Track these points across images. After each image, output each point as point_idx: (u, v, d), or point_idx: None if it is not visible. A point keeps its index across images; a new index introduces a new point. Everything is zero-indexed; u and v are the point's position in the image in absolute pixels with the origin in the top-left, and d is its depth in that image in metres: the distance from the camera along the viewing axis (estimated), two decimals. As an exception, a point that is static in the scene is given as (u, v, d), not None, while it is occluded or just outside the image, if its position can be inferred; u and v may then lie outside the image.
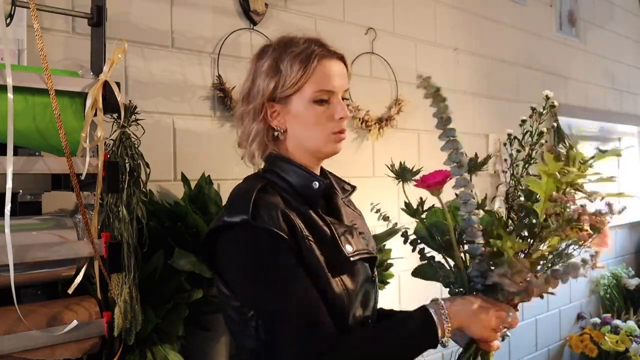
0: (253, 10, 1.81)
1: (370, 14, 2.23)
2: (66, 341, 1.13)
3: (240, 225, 1.01)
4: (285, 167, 1.12)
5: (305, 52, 1.09)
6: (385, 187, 2.25)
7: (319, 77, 1.09)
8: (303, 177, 1.11)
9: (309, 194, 1.11)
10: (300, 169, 1.12)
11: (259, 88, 1.11)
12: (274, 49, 1.11)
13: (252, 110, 1.12)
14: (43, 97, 1.12)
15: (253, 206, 1.00)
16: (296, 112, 1.10)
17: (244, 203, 1.01)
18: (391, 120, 2.24)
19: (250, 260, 1.02)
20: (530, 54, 3.08)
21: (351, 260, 1.09)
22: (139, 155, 1.27)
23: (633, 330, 3.16)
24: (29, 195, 1.25)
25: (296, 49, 1.09)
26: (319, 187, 1.11)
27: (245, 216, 1.00)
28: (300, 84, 1.08)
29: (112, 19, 1.31)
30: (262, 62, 1.12)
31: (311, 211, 1.10)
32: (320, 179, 1.12)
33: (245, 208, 1.00)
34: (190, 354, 1.41)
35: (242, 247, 1.02)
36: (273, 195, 1.06)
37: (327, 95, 1.10)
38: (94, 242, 1.17)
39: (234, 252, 1.04)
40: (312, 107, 1.09)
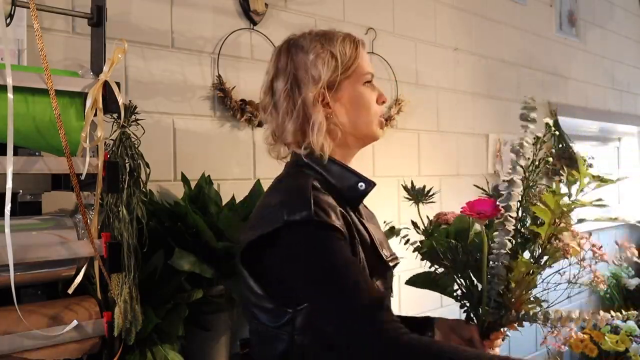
0: (253, 10, 1.81)
1: (370, 14, 2.23)
2: (66, 341, 1.13)
3: (302, 222, 0.96)
4: (325, 164, 1.09)
5: (349, 37, 1.11)
6: (385, 187, 2.25)
7: (364, 60, 1.11)
8: (348, 177, 1.10)
9: (353, 196, 1.09)
10: (344, 168, 1.10)
11: (312, 77, 1.07)
12: (312, 40, 1.09)
13: (305, 101, 1.07)
14: (43, 97, 1.12)
15: (314, 203, 0.97)
16: (349, 96, 1.09)
17: (303, 200, 0.97)
18: (391, 120, 2.24)
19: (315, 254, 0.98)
20: (530, 54, 3.08)
21: (389, 265, 1.11)
22: (139, 155, 1.27)
23: (633, 330, 3.16)
24: (29, 195, 1.25)
25: (338, 35, 1.11)
26: (365, 189, 1.10)
27: (307, 212, 0.96)
28: (355, 66, 1.09)
29: (112, 19, 1.31)
30: (304, 53, 1.09)
31: (352, 213, 1.08)
32: (366, 180, 1.10)
33: (305, 205, 0.97)
34: (190, 354, 1.41)
35: (307, 242, 0.98)
36: (325, 193, 1.03)
37: (372, 77, 1.12)
38: (94, 242, 1.17)
39: (299, 251, 0.98)
40: (364, 88, 1.10)
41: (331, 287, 0.96)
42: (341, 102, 1.09)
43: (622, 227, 3.88)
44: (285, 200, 1.01)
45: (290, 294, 1.01)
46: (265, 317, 1.04)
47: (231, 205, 1.53)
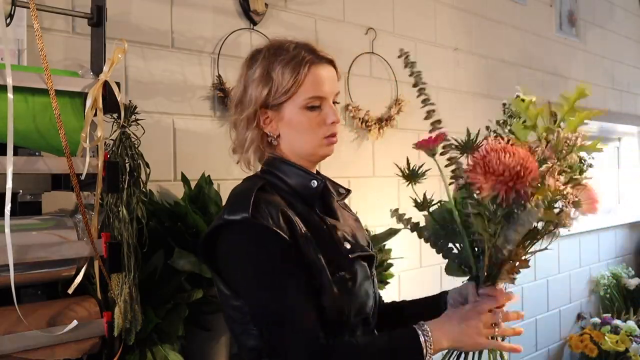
0: (253, 10, 1.81)
1: (370, 14, 2.23)
2: (66, 341, 1.13)
3: (240, 222, 1.02)
4: (283, 168, 1.14)
5: (295, 60, 1.10)
6: (385, 187, 2.26)
7: (310, 84, 1.10)
8: (301, 176, 1.13)
9: (307, 193, 1.13)
10: (298, 169, 1.14)
11: (251, 96, 1.12)
12: (264, 57, 1.12)
13: (245, 118, 1.14)
14: (43, 97, 1.12)
15: (253, 204, 1.02)
16: (288, 118, 1.11)
17: (244, 201, 1.03)
18: (391, 120, 2.24)
19: (250, 257, 1.03)
20: (530, 54, 3.08)
21: (350, 257, 1.11)
22: (139, 155, 1.27)
23: (633, 330, 3.16)
24: (29, 195, 1.25)
25: (286, 56, 1.10)
26: (318, 185, 1.13)
27: (245, 214, 1.01)
28: (292, 91, 1.10)
29: (112, 19, 1.31)
30: (252, 69, 1.13)
31: (310, 211, 1.12)
32: (318, 178, 1.15)
33: (245, 206, 1.02)
34: (190, 354, 1.41)
35: (242, 244, 1.04)
36: (272, 194, 1.08)
37: (319, 101, 1.11)
38: (94, 242, 1.17)
39: (234, 250, 1.05)
40: (304, 113, 1.11)
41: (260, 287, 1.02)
42: (283, 122, 1.12)
43: (622, 227, 3.89)
44: (229, 202, 1.10)
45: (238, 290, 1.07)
46: (235, 314, 1.08)
47: (231, 205, 1.53)
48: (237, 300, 1.06)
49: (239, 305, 1.06)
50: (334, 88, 1.15)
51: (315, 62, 1.11)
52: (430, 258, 2.35)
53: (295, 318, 0.99)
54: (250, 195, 1.03)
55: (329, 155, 1.17)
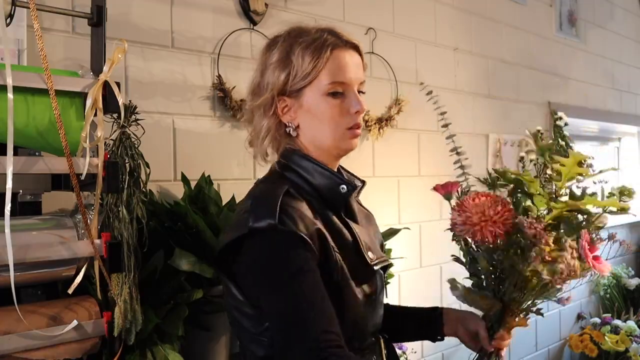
0: (253, 10, 1.81)
1: (370, 14, 2.23)
2: (66, 341, 1.13)
3: (267, 230, 0.95)
4: (307, 166, 1.05)
5: (317, 42, 1.02)
6: (385, 187, 2.26)
7: (333, 68, 1.02)
8: (329, 179, 1.05)
9: (334, 198, 1.05)
10: (324, 169, 1.05)
11: (268, 81, 1.05)
12: (283, 40, 1.05)
13: (261, 105, 1.06)
14: (43, 97, 1.12)
15: (280, 211, 0.94)
16: (309, 106, 1.04)
17: (270, 207, 0.95)
18: (391, 120, 2.24)
19: (273, 263, 0.96)
20: (530, 54, 3.08)
21: (374, 268, 1.06)
22: (139, 155, 1.27)
23: (633, 330, 3.16)
24: (29, 195, 1.25)
25: (307, 38, 1.03)
26: (347, 191, 1.06)
27: (272, 221, 0.94)
28: (313, 76, 1.02)
29: (112, 19, 1.31)
30: (271, 53, 1.06)
31: (334, 216, 1.05)
32: (348, 182, 1.07)
33: (271, 212, 0.94)
34: (190, 354, 1.41)
35: (267, 252, 0.96)
36: (299, 200, 1.00)
37: (342, 87, 1.04)
38: (94, 242, 1.17)
39: (259, 257, 0.97)
40: (325, 100, 1.03)
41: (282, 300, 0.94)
42: (302, 110, 1.05)
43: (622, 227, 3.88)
44: (253, 207, 0.99)
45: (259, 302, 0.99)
46: (247, 322, 1.02)
47: (231, 205, 1.53)
48: (252, 309, 1.00)
49: (253, 314, 1.01)
50: (359, 75, 1.07)
51: (339, 46, 1.04)
52: (430, 258, 2.35)
53: (307, 325, 0.91)
54: (276, 200, 0.96)
55: (353, 150, 1.08)
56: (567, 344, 3.26)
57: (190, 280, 1.37)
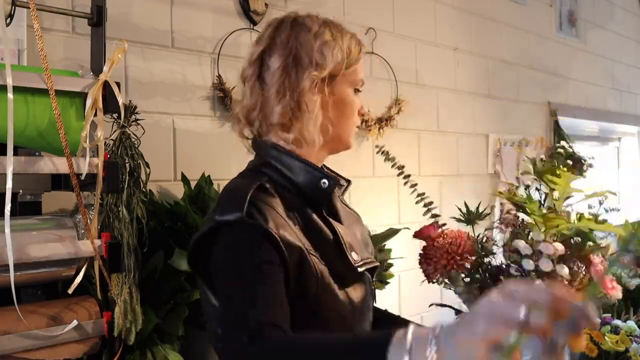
0: (253, 10, 1.81)
1: (370, 14, 2.23)
2: (66, 341, 1.13)
3: (234, 223, 0.87)
4: (288, 162, 0.99)
5: (355, 38, 1.04)
6: (385, 187, 2.26)
7: (361, 67, 1.04)
8: (309, 173, 0.98)
9: (316, 195, 0.99)
10: (305, 164, 0.99)
11: (318, 61, 0.97)
12: (320, 24, 1.02)
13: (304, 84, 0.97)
14: (43, 97, 1.12)
15: (249, 204, 0.87)
16: (340, 96, 1.01)
17: (238, 200, 0.88)
18: (391, 120, 2.24)
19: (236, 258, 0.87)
20: (530, 54, 3.08)
21: (358, 270, 0.98)
22: (139, 155, 1.27)
23: (633, 330, 3.16)
24: (29, 195, 1.25)
25: (346, 30, 1.05)
26: (329, 186, 0.98)
27: (239, 214, 0.86)
28: (354, 67, 1.02)
29: (112, 19, 1.31)
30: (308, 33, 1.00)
31: (314, 214, 0.98)
32: (330, 177, 0.99)
33: (239, 205, 0.87)
34: (190, 354, 1.41)
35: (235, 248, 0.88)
36: (272, 196, 0.93)
37: (362, 85, 1.06)
38: (94, 242, 1.17)
39: (225, 255, 0.89)
40: (353, 93, 1.04)
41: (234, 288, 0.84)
42: (332, 99, 1.01)
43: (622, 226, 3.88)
44: (221, 200, 0.94)
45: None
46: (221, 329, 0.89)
47: (231, 205, 1.53)
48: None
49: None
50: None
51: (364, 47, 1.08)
52: (430, 258, 2.35)
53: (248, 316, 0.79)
54: (246, 193, 0.89)
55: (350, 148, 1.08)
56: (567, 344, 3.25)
57: (190, 280, 1.37)
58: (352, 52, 1.01)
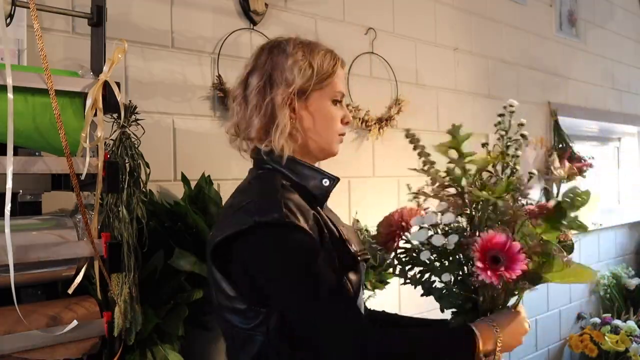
0: (253, 10, 1.81)
1: (370, 14, 2.23)
2: (66, 341, 1.13)
3: (274, 224, 0.98)
4: (293, 165, 1.11)
5: (331, 54, 1.14)
6: (385, 187, 2.26)
7: (339, 79, 1.14)
8: (314, 175, 1.12)
9: (319, 193, 1.12)
10: (308, 166, 1.12)
11: (288, 78, 1.09)
12: (295, 46, 1.12)
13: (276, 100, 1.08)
14: (43, 97, 1.12)
15: (284, 205, 1.00)
16: (315, 108, 1.11)
17: (274, 201, 1.00)
18: (391, 120, 2.24)
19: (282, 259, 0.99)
20: (530, 54, 3.08)
21: (359, 260, 1.12)
22: (139, 155, 1.27)
23: (633, 330, 3.16)
24: (29, 195, 1.25)
25: (322, 47, 1.14)
26: (329, 185, 1.12)
27: (277, 214, 0.98)
28: (328, 81, 1.12)
29: (112, 19, 1.31)
30: (282, 55, 1.11)
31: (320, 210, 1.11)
32: (330, 176, 1.13)
33: (275, 207, 0.99)
34: (190, 354, 1.41)
35: (279, 244, 0.99)
36: (293, 192, 1.06)
37: (341, 97, 1.15)
38: (94, 242, 1.17)
39: (267, 250, 1.00)
40: (330, 106, 1.13)
41: (303, 289, 0.97)
42: (308, 111, 1.11)
43: (622, 227, 3.88)
44: (256, 202, 1.03)
45: (261, 294, 1.01)
46: (237, 319, 1.04)
47: (231, 205, 1.53)
48: (244, 304, 1.02)
49: (243, 309, 1.02)
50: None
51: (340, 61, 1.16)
52: (430, 258, 2.35)
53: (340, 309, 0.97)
54: (278, 194, 1.02)
55: (335, 155, 1.17)
56: (567, 344, 3.26)
57: (190, 280, 1.37)
58: (324, 68, 1.11)
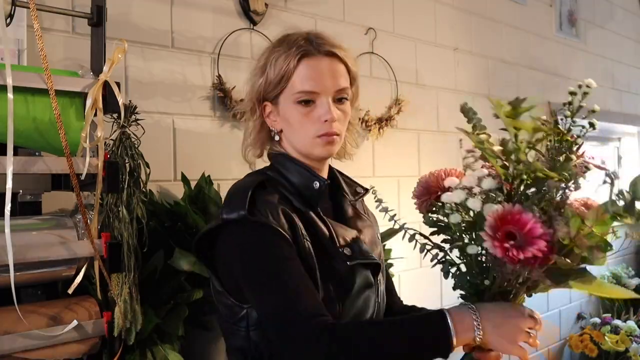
0: (253, 10, 1.81)
1: (370, 14, 2.23)
2: (66, 341, 1.13)
3: (238, 221, 1.00)
4: (288, 165, 1.11)
5: (288, 51, 1.06)
6: (385, 187, 2.26)
7: (301, 76, 1.05)
8: (305, 176, 1.10)
9: (309, 194, 1.10)
10: (302, 168, 1.11)
11: (253, 87, 1.11)
12: (270, 48, 1.11)
13: (245, 108, 1.15)
14: (43, 97, 1.12)
15: (250, 202, 0.99)
16: (283, 112, 1.09)
17: (241, 199, 1.00)
18: (391, 120, 2.24)
19: (249, 255, 1.00)
20: (530, 54, 3.08)
21: (348, 264, 1.05)
22: (139, 155, 1.27)
23: (633, 330, 3.16)
24: (29, 195, 1.25)
25: (283, 46, 1.07)
26: (320, 187, 1.10)
27: (242, 212, 0.99)
28: (283, 84, 1.07)
29: (112, 19, 1.31)
30: (259, 61, 1.12)
31: (311, 212, 1.09)
32: (321, 179, 1.11)
33: (242, 204, 0.99)
34: (190, 354, 1.41)
35: (240, 241, 1.01)
36: (271, 193, 1.05)
37: (310, 96, 1.06)
38: (94, 242, 1.17)
39: (232, 248, 1.02)
40: (296, 108, 1.07)
41: (266, 288, 0.97)
42: (280, 116, 1.11)
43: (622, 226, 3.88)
44: (226, 200, 1.07)
45: (240, 291, 1.03)
46: (225, 311, 1.08)
47: (231, 205, 1.53)
48: (228, 298, 1.06)
49: (230, 304, 1.06)
50: (335, 83, 1.07)
51: (310, 54, 1.06)
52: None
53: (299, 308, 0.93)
54: (247, 192, 1.01)
55: (328, 156, 1.13)
56: (567, 344, 3.26)
57: (190, 280, 1.37)
58: (276, 70, 1.06)
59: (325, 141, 1.08)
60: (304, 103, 1.06)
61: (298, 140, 1.10)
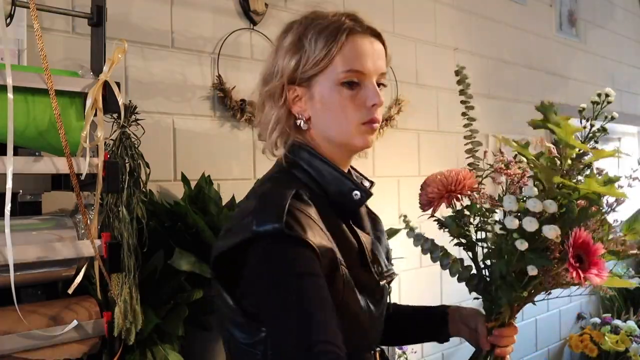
0: (253, 10, 1.81)
1: (370, 14, 2.22)
2: (66, 341, 1.13)
3: (272, 235, 0.84)
4: (317, 165, 0.97)
5: (332, 26, 0.94)
6: (385, 187, 2.26)
7: (349, 55, 0.93)
8: (341, 183, 0.97)
9: (345, 204, 0.97)
10: (336, 171, 0.97)
11: (279, 68, 0.97)
12: (299, 23, 0.97)
13: (270, 93, 0.98)
14: (43, 97, 1.12)
15: (288, 214, 0.84)
16: (320, 96, 0.95)
17: (277, 210, 0.85)
18: (391, 120, 2.24)
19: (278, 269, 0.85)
20: (530, 54, 3.08)
21: (379, 283, 0.99)
22: (139, 155, 1.27)
23: (633, 330, 3.16)
24: (29, 195, 1.25)
25: (323, 22, 0.95)
26: (361, 199, 0.97)
27: (278, 225, 0.83)
28: (326, 62, 0.93)
29: (112, 19, 1.31)
30: (285, 37, 0.98)
31: (341, 221, 0.97)
32: (362, 189, 0.98)
33: (278, 216, 0.84)
34: (190, 354, 1.41)
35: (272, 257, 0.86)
36: (309, 205, 0.90)
37: (358, 77, 0.94)
38: (94, 242, 1.17)
39: (262, 263, 0.86)
40: (339, 90, 0.94)
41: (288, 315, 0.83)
42: (314, 101, 0.96)
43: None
44: (257, 208, 0.88)
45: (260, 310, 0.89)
46: (238, 332, 0.92)
47: (231, 205, 1.53)
48: (244, 318, 0.90)
49: (245, 323, 0.91)
50: (378, 66, 0.97)
51: (357, 32, 0.95)
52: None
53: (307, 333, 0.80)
54: (284, 202, 0.85)
55: (368, 147, 0.99)
56: (567, 344, 3.26)
57: (190, 280, 1.37)
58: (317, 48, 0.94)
59: (369, 129, 0.97)
60: (349, 85, 0.94)
61: (336, 127, 0.96)
